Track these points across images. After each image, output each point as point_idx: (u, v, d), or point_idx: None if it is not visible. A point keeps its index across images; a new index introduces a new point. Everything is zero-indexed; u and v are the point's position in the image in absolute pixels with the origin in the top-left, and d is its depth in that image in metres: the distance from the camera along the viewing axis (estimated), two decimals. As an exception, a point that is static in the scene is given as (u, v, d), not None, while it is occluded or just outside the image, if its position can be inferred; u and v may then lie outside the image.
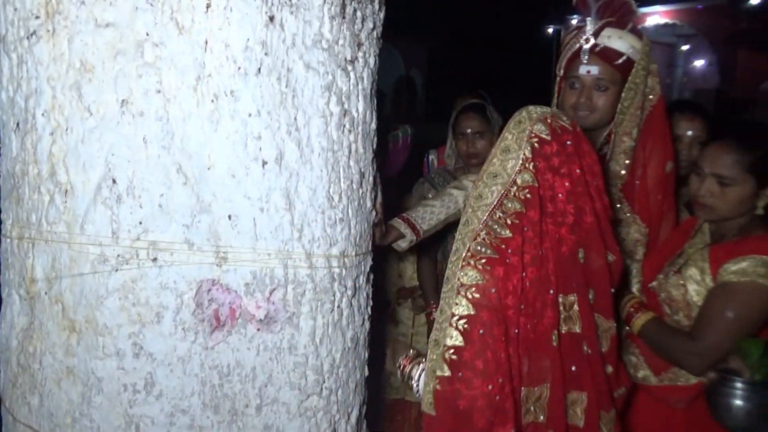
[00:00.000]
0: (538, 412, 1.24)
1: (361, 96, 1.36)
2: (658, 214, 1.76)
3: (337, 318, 1.36)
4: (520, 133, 1.29)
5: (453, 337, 1.19)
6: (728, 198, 1.48)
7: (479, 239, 1.23)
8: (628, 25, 1.66)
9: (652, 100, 1.72)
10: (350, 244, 1.37)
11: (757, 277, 1.38)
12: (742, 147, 1.47)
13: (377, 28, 1.42)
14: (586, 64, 1.67)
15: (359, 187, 1.39)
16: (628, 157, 1.73)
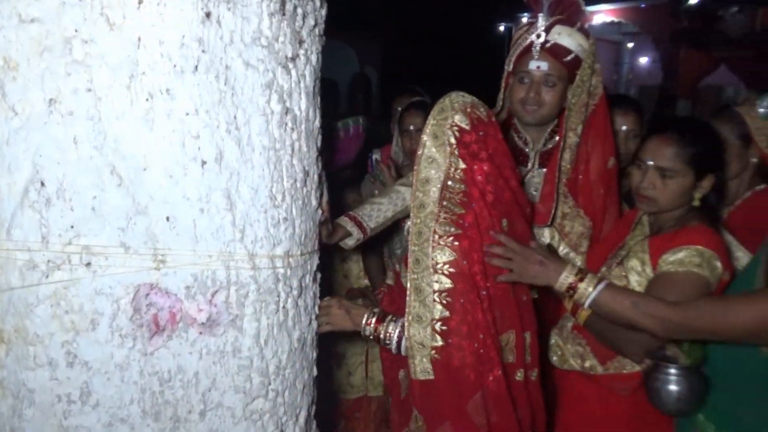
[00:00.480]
0: (508, 354, 1.47)
1: (303, 94, 1.34)
2: (601, 207, 1.81)
3: (282, 319, 1.34)
4: (442, 121, 1.43)
5: (439, 310, 1.39)
6: (669, 190, 1.53)
7: (441, 220, 1.40)
8: (577, 23, 1.70)
9: (595, 98, 1.78)
10: (295, 244, 1.35)
11: (692, 266, 1.43)
12: (683, 140, 1.52)
13: (319, 25, 1.40)
14: (537, 59, 1.70)
15: (303, 185, 1.38)
16: (572, 152, 1.77)
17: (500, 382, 1.41)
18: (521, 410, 1.52)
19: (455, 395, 1.41)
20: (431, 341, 1.39)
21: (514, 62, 1.78)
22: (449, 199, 1.41)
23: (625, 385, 1.54)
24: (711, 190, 1.55)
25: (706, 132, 1.54)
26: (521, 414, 1.51)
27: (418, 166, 1.43)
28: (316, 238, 1.49)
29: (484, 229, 1.44)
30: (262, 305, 1.29)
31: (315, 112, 1.40)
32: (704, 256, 1.43)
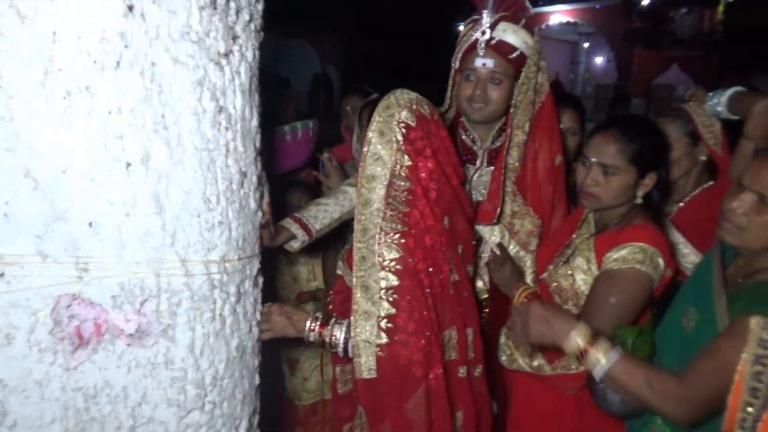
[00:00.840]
0: (451, 351, 1.48)
1: (238, 91, 1.29)
2: (549, 205, 1.81)
3: (219, 327, 1.28)
4: (388, 118, 1.41)
5: (385, 308, 1.37)
6: (612, 187, 1.53)
7: (387, 217, 1.39)
8: (522, 20, 1.69)
9: (541, 96, 1.77)
10: (231, 248, 1.30)
11: (635, 264, 1.43)
12: (626, 137, 1.52)
13: (255, 20, 1.35)
14: (482, 56, 1.69)
15: (240, 187, 1.32)
16: (520, 150, 1.76)
17: (440, 381, 1.40)
18: (464, 406, 1.52)
19: (397, 394, 1.39)
20: (377, 339, 1.38)
21: (460, 60, 1.76)
22: (395, 197, 1.39)
23: (573, 384, 1.53)
24: (654, 188, 1.56)
25: (649, 130, 1.55)
26: (465, 410, 1.50)
27: (364, 163, 1.40)
28: (257, 242, 1.43)
29: (426, 227, 1.42)
30: (197, 313, 1.23)
31: (252, 110, 1.35)
32: (647, 253, 1.43)
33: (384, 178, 1.39)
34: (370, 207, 1.39)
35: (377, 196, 1.39)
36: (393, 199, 1.39)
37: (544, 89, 1.76)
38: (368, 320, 1.39)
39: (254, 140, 1.37)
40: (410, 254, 1.39)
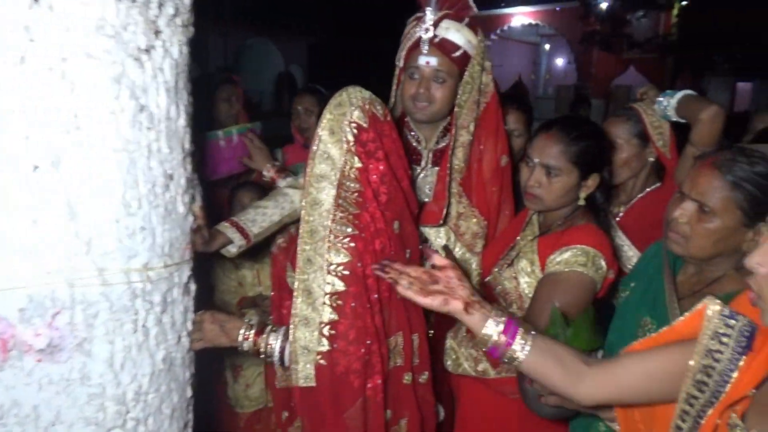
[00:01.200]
0: (397, 357, 1.45)
1: (162, 89, 1.22)
2: (495, 206, 1.78)
3: (142, 339, 1.21)
4: (340, 116, 1.36)
5: (327, 313, 1.32)
6: (554, 188, 1.52)
7: (337, 219, 1.33)
8: (465, 19, 1.66)
9: (487, 96, 1.74)
10: (156, 255, 1.22)
11: (578, 266, 1.42)
12: (568, 138, 1.51)
13: (182, 15, 1.27)
14: (426, 54, 1.65)
15: (165, 190, 1.25)
16: (465, 151, 1.74)
17: (378, 391, 1.37)
18: (409, 413, 1.48)
19: (336, 403, 1.35)
20: (317, 346, 1.33)
21: (404, 58, 1.72)
22: (345, 198, 1.34)
23: (516, 388, 1.51)
24: (597, 189, 1.55)
25: (592, 131, 1.54)
26: (410, 417, 1.47)
27: (312, 161, 1.35)
28: (188, 248, 1.36)
29: (376, 231, 1.38)
30: (116, 325, 1.16)
31: (178, 109, 1.27)
32: (589, 255, 1.42)
33: (334, 178, 1.34)
34: (319, 208, 1.34)
35: (327, 197, 1.34)
36: (343, 200, 1.34)
37: (489, 89, 1.73)
38: (308, 326, 1.34)
39: (182, 141, 1.30)
40: (359, 258, 1.35)
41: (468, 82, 1.67)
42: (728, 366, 0.91)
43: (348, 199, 1.34)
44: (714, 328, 0.94)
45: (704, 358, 0.94)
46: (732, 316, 0.94)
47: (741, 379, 0.90)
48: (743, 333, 0.92)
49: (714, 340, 0.93)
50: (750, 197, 1.14)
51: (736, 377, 0.90)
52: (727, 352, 0.92)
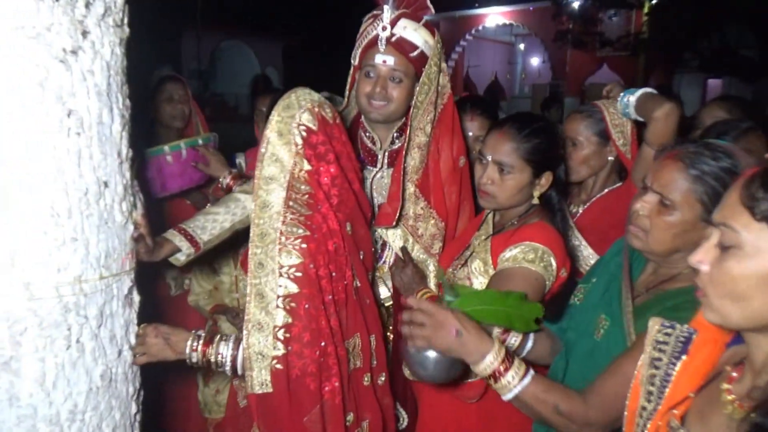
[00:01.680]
0: (356, 359, 1.43)
1: (92, 93, 1.16)
2: (454, 207, 1.75)
3: (77, 355, 1.15)
4: (288, 119, 1.33)
5: (281, 316, 1.29)
6: (507, 186, 1.49)
7: (287, 221, 1.31)
8: (422, 19, 1.63)
9: (444, 97, 1.72)
10: (90, 267, 1.17)
11: (526, 263, 1.39)
12: (520, 136, 1.48)
13: (114, 14, 1.22)
14: (383, 53, 1.62)
15: (100, 198, 1.19)
16: (422, 152, 1.70)
17: (336, 394, 1.33)
18: (370, 415, 1.46)
19: (294, 408, 1.31)
20: (272, 350, 1.29)
21: (360, 56, 1.68)
22: (295, 200, 1.32)
23: (472, 393, 1.48)
24: (552, 187, 1.53)
25: (544, 128, 1.51)
26: (371, 419, 1.45)
27: (261, 164, 1.32)
28: (129, 258, 1.31)
29: (328, 231, 1.36)
30: (47, 342, 1.10)
31: (112, 113, 1.22)
32: (538, 252, 1.39)
33: (283, 179, 1.31)
34: (269, 210, 1.31)
35: (277, 199, 1.31)
36: (294, 202, 1.31)
37: (446, 91, 1.70)
38: (262, 331, 1.30)
39: (118, 146, 1.25)
40: (312, 260, 1.32)
41: (425, 83, 1.64)
42: (666, 371, 0.92)
43: (298, 201, 1.32)
44: (655, 338, 0.95)
45: (649, 368, 0.93)
46: (671, 326, 0.94)
47: (678, 382, 0.89)
48: (679, 339, 0.92)
49: (655, 349, 0.94)
50: (712, 192, 1.12)
51: (673, 380, 0.89)
52: (665, 358, 0.93)
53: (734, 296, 0.77)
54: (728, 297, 0.78)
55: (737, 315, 0.78)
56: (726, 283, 0.78)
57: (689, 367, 0.89)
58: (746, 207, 0.76)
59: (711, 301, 0.81)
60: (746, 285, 0.76)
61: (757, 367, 0.80)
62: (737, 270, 0.77)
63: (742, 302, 0.77)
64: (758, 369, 0.80)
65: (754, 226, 0.75)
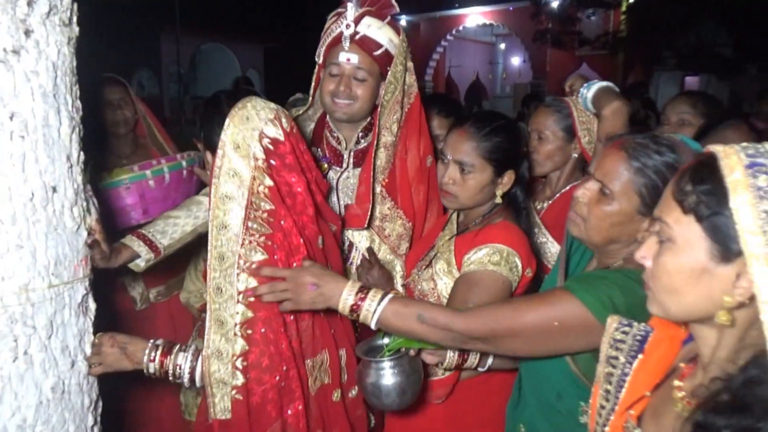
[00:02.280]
0: (324, 376, 1.39)
1: (37, 94, 1.12)
2: (421, 207, 1.73)
3: (24, 367, 1.11)
4: (248, 131, 1.26)
5: (240, 344, 1.25)
6: (468, 185, 1.47)
7: (246, 244, 1.24)
8: (387, 17, 1.61)
9: (411, 97, 1.70)
10: (37, 275, 1.13)
11: (491, 266, 1.37)
12: (480, 134, 1.46)
13: (59, 12, 1.18)
14: (347, 51, 1.60)
15: (48, 203, 1.15)
16: (389, 152, 1.68)
17: (300, 417, 1.30)
18: (339, 430, 1.42)
19: None
20: (232, 379, 1.25)
21: (324, 54, 1.66)
22: (255, 219, 1.25)
23: (438, 392, 1.45)
24: (515, 186, 1.51)
25: (505, 127, 1.49)
26: None
27: (217, 180, 1.24)
28: (83, 265, 1.26)
29: (293, 250, 1.30)
30: (-9, 354, 1.06)
31: (60, 115, 1.18)
32: (503, 254, 1.37)
33: (242, 198, 1.24)
34: (227, 232, 1.24)
35: (235, 220, 1.24)
36: (253, 221, 1.24)
37: (412, 90, 1.69)
38: (221, 359, 1.25)
39: (67, 149, 1.20)
40: (269, 282, 1.25)
41: (391, 82, 1.62)
42: (623, 370, 0.91)
43: (258, 220, 1.25)
44: (612, 336, 0.94)
45: (606, 366, 0.92)
46: (629, 324, 0.94)
47: (634, 381, 0.88)
48: (636, 338, 0.92)
49: (612, 347, 0.94)
50: (651, 185, 1.10)
51: (630, 380, 0.88)
52: (622, 356, 0.92)
53: (669, 289, 0.78)
54: (665, 290, 0.79)
55: (675, 308, 0.79)
56: (662, 276, 0.78)
57: (645, 366, 0.88)
58: (677, 201, 0.76)
59: (654, 294, 0.81)
60: (679, 279, 0.76)
61: (705, 362, 0.80)
62: (671, 264, 0.77)
63: (677, 296, 0.77)
64: (706, 364, 0.79)
65: (683, 220, 0.75)
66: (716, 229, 0.72)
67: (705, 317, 0.77)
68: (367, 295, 1.19)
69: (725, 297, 0.73)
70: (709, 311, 0.75)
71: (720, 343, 0.77)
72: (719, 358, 0.76)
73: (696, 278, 0.75)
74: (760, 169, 0.68)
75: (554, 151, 1.91)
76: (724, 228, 0.71)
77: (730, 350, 0.75)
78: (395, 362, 1.29)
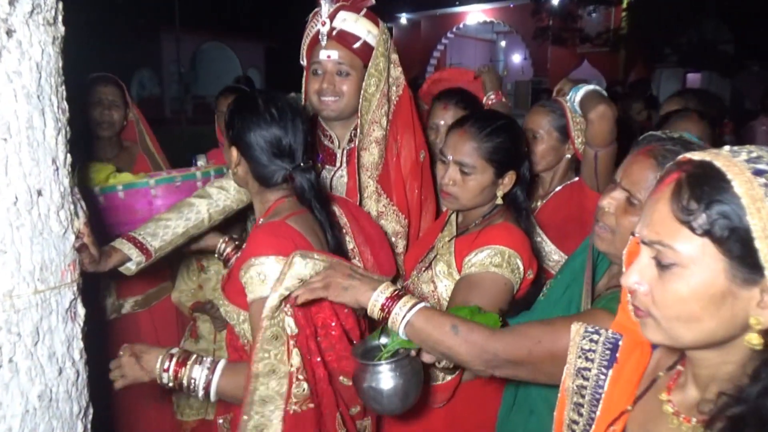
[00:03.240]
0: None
1: (21, 95, 1.09)
2: (416, 205, 1.71)
3: (9, 375, 1.08)
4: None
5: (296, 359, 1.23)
6: (469, 186, 1.44)
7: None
8: (363, 10, 1.59)
9: (399, 89, 1.68)
10: (22, 280, 1.10)
11: (493, 267, 1.34)
12: (481, 135, 1.43)
13: (43, 12, 1.15)
14: (326, 48, 1.59)
15: (33, 207, 1.12)
16: (380, 147, 1.66)
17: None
18: None
19: None
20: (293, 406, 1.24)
21: (306, 55, 1.65)
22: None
23: (440, 396, 1.43)
24: (516, 187, 1.48)
25: (506, 127, 1.46)
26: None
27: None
28: (70, 269, 1.24)
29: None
30: (-26, 362, 1.03)
31: (44, 117, 1.15)
32: (504, 256, 1.34)
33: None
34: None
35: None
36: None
37: (400, 82, 1.67)
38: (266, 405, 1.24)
39: (53, 152, 1.17)
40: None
41: (372, 74, 1.60)
42: (597, 382, 0.85)
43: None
44: (579, 345, 0.89)
45: (576, 378, 0.87)
46: (596, 332, 0.88)
47: (611, 394, 0.83)
48: (606, 346, 0.86)
49: (581, 357, 0.88)
50: None
51: (606, 393, 0.83)
52: (594, 367, 0.86)
53: (685, 318, 0.70)
54: (678, 319, 0.70)
55: (690, 336, 0.71)
56: (674, 305, 0.70)
57: (620, 377, 0.83)
58: (681, 222, 0.68)
59: (659, 323, 0.73)
60: (698, 306, 0.68)
61: (704, 380, 0.75)
62: (685, 291, 0.69)
63: (694, 323, 0.70)
64: (706, 381, 0.75)
65: (695, 242, 0.68)
66: (735, 248, 0.65)
67: (722, 342, 0.71)
68: (401, 298, 1.13)
69: (752, 319, 0.66)
70: (728, 336, 0.69)
71: (726, 360, 0.72)
72: (725, 373, 0.72)
73: (717, 303, 0.68)
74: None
75: (548, 150, 1.88)
76: (743, 246, 0.65)
77: (738, 365, 0.70)
78: (396, 364, 1.20)
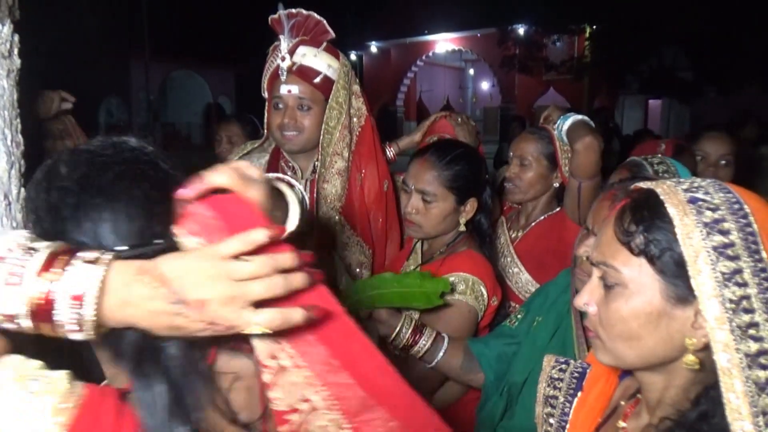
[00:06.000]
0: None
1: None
2: (381, 235, 1.71)
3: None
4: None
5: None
6: (431, 215, 1.45)
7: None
8: (323, 44, 1.60)
9: (360, 120, 1.69)
10: None
11: (457, 294, 1.35)
12: (441, 163, 1.45)
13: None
14: (286, 83, 1.59)
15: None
16: (343, 178, 1.66)
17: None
18: None
19: None
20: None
21: (267, 88, 1.65)
22: None
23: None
24: (479, 214, 1.50)
25: (465, 155, 1.48)
26: None
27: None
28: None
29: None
30: None
31: (-3, 149, 1.12)
32: (468, 282, 1.36)
33: None
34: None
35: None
36: None
37: (362, 113, 1.68)
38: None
39: (5, 186, 1.15)
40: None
41: (333, 107, 1.61)
42: (563, 410, 0.88)
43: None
44: (549, 374, 0.92)
45: (545, 406, 0.90)
46: (566, 362, 0.91)
47: (575, 422, 0.86)
48: (574, 375, 0.89)
49: (550, 386, 0.91)
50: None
51: (570, 420, 0.85)
52: (561, 396, 0.89)
53: (626, 336, 0.72)
54: (620, 338, 0.73)
55: (632, 355, 0.73)
56: (616, 324, 0.73)
57: (585, 404, 0.85)
58: (622, 243, 0.71)
59: (604, 343, 0.75)
60: (637, 324, 0.71)
61: (652, 405, 0.77)
62: (625, 310, 0.71)
63: (635, 341, 0.72)
64: (653, 406, 0.76)
65: (633, 262, 0.71)
66: (668, 269, 0.68)
67: (663, 362, 0.72)
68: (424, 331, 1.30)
69: (687, 339, 0.68)
70: (667, 356, 0.71)
71: (670, 384, 0.73)
72: (669, 398, 0.74)
73: (654, 322, 0.70)
74: (702, 205, 0.66)
75: (537, 178, 1.82)
76: (676, 267, 0.67)
77: (680, 390, 0.72)
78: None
